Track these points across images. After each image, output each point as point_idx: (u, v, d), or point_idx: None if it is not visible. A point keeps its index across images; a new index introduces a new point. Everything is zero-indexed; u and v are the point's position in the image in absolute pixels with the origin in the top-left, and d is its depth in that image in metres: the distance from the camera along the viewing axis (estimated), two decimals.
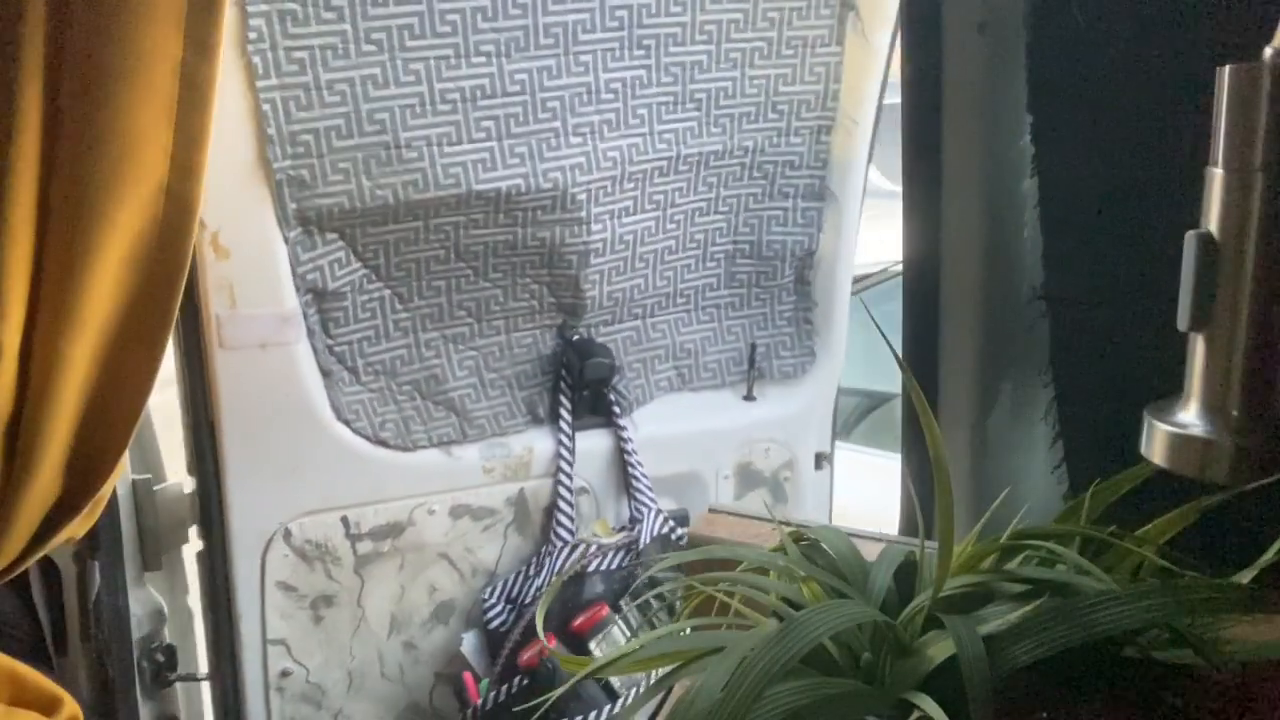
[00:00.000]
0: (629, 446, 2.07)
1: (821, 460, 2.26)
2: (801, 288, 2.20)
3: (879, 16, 1.99)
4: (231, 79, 1.64)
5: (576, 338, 2.06)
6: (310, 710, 1.97)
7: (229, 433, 1.78)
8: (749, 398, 2.20)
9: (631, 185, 2.00)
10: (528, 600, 1.97)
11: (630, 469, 2.07)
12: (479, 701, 1.89)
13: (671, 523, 2.04)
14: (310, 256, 1.82)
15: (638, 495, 2.06)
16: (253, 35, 1.64)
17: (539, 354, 2.06)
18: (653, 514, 2.04)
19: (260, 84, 1.67)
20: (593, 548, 1.97)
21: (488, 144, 1.89)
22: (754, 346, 2.19)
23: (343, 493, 1.92)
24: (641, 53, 1.91)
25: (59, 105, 1.25)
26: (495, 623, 1.98)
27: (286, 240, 1.77)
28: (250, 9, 1.63)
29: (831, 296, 2.21)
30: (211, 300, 1.72)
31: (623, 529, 2.04)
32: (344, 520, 1.92)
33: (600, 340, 2.09)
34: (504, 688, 1.87)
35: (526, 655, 1.86)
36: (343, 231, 1.85)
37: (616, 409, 2.08)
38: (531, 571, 2.02)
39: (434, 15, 1.76)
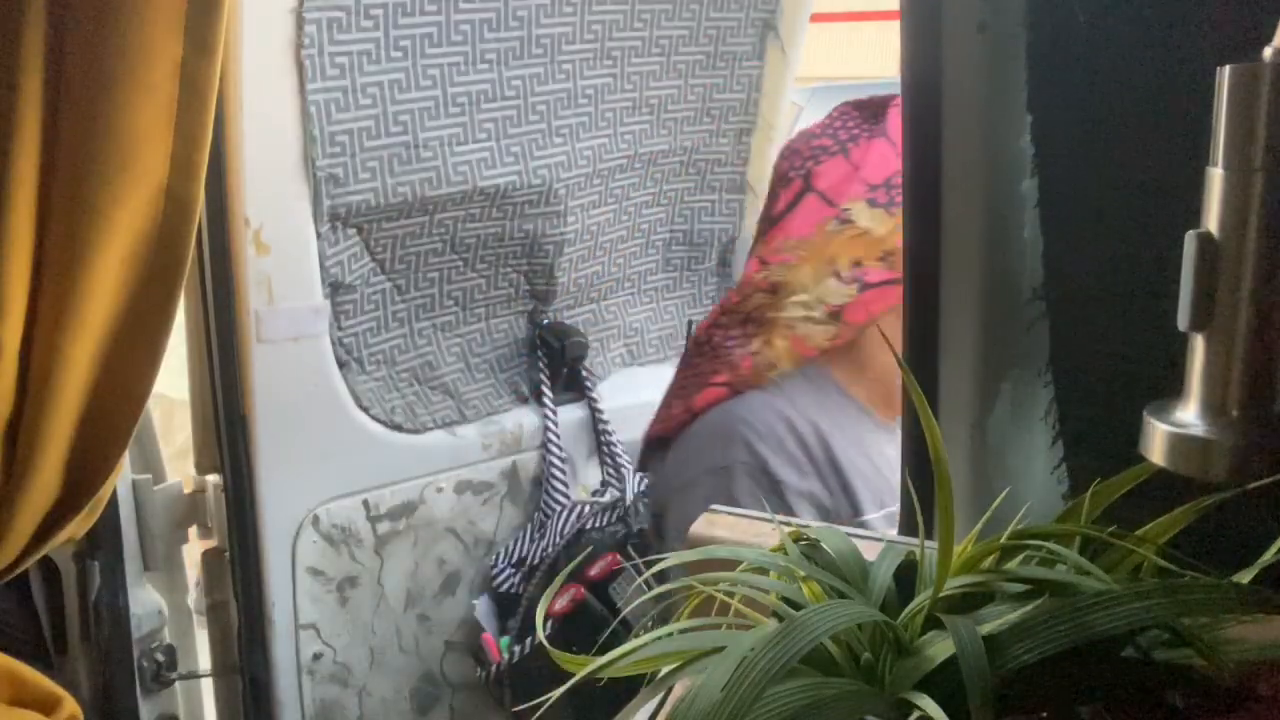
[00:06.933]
0: (603, 417, 2.32)
1: None
2: (723, 270, 2.51)
3: (794, 34, 2.32)
4: (285, 81, 1.75)
5: (546, 321, 2.28)
6: (338, 690, 2.06)
7: (262, 425, 1.85)
8: None
9: (598, 181, 2.24)
10: (535, 561, 2.15)
11: (606, 436, 2.31)
12: (504, 658, 2.05)
13: (647, 480, 2.24)
14: (334, 251, 1.94)
15: (615, 459, 2.30)
16: (306, 40, 1.72)
17: (514, 338, 2.27)
18: (632, 473, 2.27)
19: (309, 86, 1.78)
20: (587, 508, 2.18)
21: (488, 144, 2.04)
22: (690, 323, 2.48)
23: (363, 477, 2.03)
24: (610, 63, 2.15)
25: (59, 105, 1.25)
26: (505, 586, 2.15)
27: (319, 235, 1.88)
28: (306, 15, 1.74)
29: None
30: (251, 295, 1.78)
31: (595, 492, 2.27)
32: (365, 503, 2.03)
33: (565, 323, 2.33)
34: (528, 640, 2.05)
35: (559, 604, 2.02)
36: (360, 227, 1.97)
37: (588, 384, 2.31)
38: (535, 534, 2.20)
39: (450, 25, 1.91)
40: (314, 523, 1.95)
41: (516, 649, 2.05)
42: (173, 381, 1.98)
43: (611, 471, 2.30)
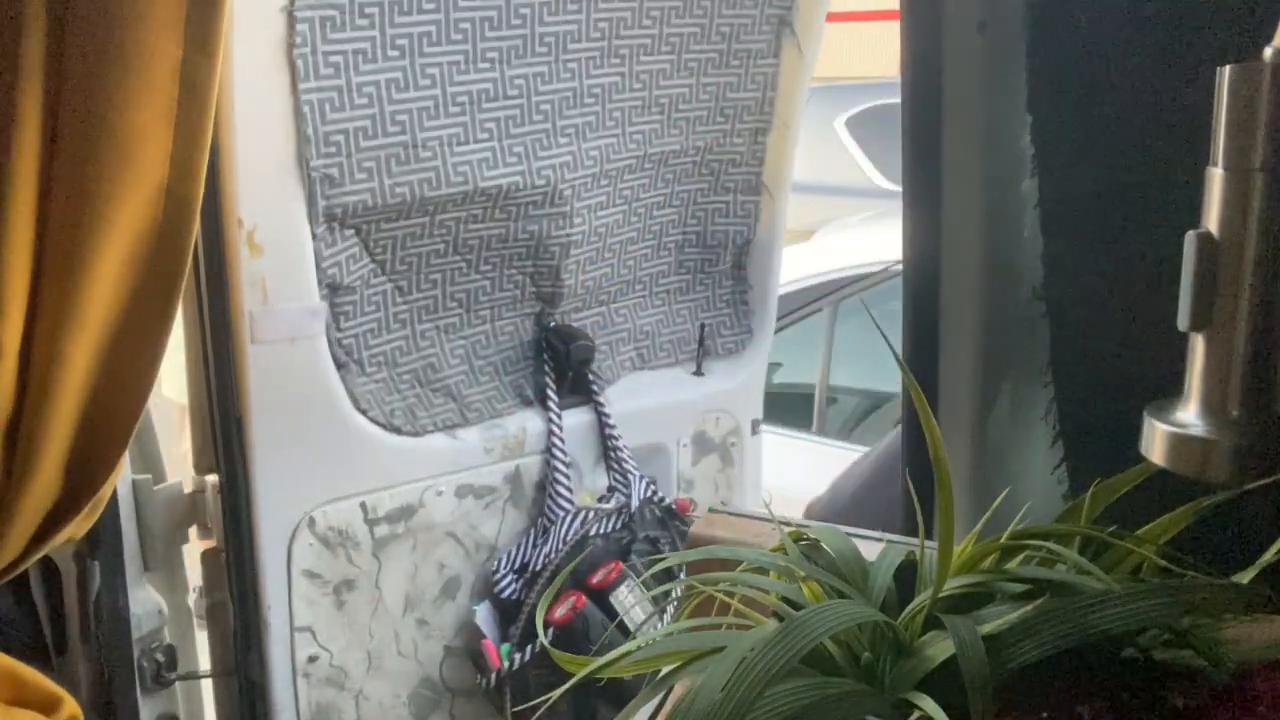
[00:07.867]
0: (609, 421, 2.25)
1: (756, 426, 2.51)
2: (738, 273, 2.44)
3: (811, 32, 2.24)
4: (277, 80, 1.73)
5: (553, 324, 2.23)
6: (334, 693, 2.04)
7: (257, 426, 1.82)
8: (698, 373, 2.43)
9: (606, 182, 2.18)
10: (538, 567, 2.10)
11: (612, 441, 2.26)
12: (505, 665, 2.02)
13: (654, 486, 2.26)
14: (331, 252, 1.90)
15: (621, 464, 2.25)
16: (298, 39, 1.71)
17: (520, 340, 2.22)
18: (638, 479, 2.24)
19: (302, 86, 1.75)
20: (592, 513, 2.14)
21: (490, 144, 2.00)
22: (703, 326, 2.43)
23: (361, 479, 1.99)
24: (617, 61, 2.09)
25: (59, 105, 1.25)
26: (506, 592, 2.11)
27: (314, 236, 1.83)
28: (298, 14, 1.71)
29: (765, 280, 2.46)
30: (245, 296, 1.76)
31: (601, 498, 2.22)
32: (362, 506, 2.00)
33: (572, 326, 2.28)
34: (528, 648, 2.00)
35: (559, 612, 1.99)
36: (359, 228, 1.93)
37: (595, 388, 2.26)
38: (538, 540, 2.16)
39: (449, 24, 1.87)
40: (310, 525, 1.92)
41: (517, 656, 2.02)
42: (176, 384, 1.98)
43: (618, 477, 2.26)
